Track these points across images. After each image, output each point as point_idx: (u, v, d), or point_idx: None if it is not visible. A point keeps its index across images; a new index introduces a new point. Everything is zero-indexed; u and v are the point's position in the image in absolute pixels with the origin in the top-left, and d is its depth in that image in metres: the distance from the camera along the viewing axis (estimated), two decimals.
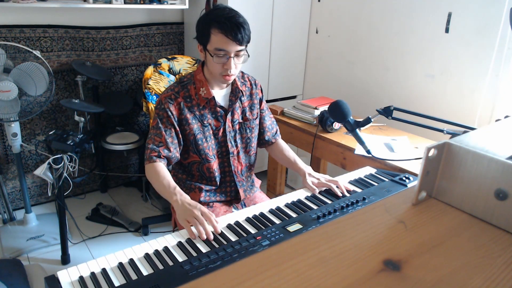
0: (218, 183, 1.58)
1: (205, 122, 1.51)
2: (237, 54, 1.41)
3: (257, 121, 1.64)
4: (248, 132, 1.61)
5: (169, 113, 1.46)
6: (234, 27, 1.36)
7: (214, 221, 1.17)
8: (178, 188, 1.34)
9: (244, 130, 1.60)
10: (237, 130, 1.58)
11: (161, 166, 1.41)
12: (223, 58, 1.39)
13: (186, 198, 1.29)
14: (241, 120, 1.59)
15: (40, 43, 2.49)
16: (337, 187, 1.40)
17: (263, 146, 1.73)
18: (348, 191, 1.39)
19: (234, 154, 1.58)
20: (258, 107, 1.64)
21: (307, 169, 1.52)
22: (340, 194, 1.37)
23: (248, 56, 1.45)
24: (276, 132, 1.73)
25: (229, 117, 1.54)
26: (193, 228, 1.16)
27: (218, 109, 1.52)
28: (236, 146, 1.59)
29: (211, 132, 1.53)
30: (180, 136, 1.48)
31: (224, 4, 1.46)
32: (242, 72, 1.63)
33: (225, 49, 1.38)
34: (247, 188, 1.66)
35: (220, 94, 1.54)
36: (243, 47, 1.41)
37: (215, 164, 1.55)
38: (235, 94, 1.55)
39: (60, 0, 2.35)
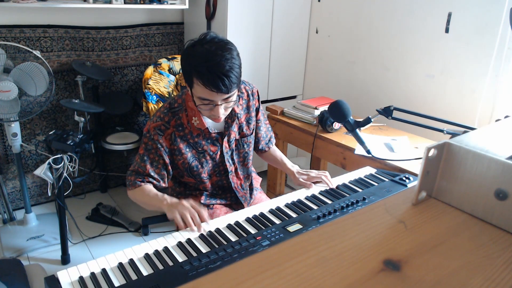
0: (218, 192, 1.58)
1: (200, 149, 1.44)
2: (226, 100, 1.28)
3: (253, 134, 1.58)
4: (246, 147, 1.55)
5: (158, 145, 1.38)
6: (216, 80, 1.19)
7: (203, 213, 1.21)
8: (166, 195, 1.34)
9: (241, 146, 1.54)
10: (234, 148, 1.52)
11: (146, 186, 1.39)
12: (209, 106, 1.28)
13: (174, 199, 1.31)
14: (238, 137, 1.52)
15: (40, 43, 2.49)
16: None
17: (256, 153, 1.72)
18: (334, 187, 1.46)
19: (232, 171, 1.54)
20: (255, 118, 1.58)
21: (295, 168, 1.56)
22: (332, 185, 1.43)
23: (238, 100, 1.38)
24: (270, 140, 1.69)
25: (225, 139, 1.47)
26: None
27: (213, 135, 1.44)
28: (234, 163, 1.54)
29: (208, 157, 1.46)
30: (169, 167, 1.42)
31: (212, 35, 1.26)
32: None
33: (210, 99, 1.25)
34: (249, 199, 1.65)
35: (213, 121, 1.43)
36: (231, 94, 1.27)
37: (209, 184, 1.53)
38: (231, 116, 1.45)
39: (60, 0, 2.35)
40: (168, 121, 1.39)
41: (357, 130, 1.52)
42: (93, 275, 0.98)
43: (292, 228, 1.15)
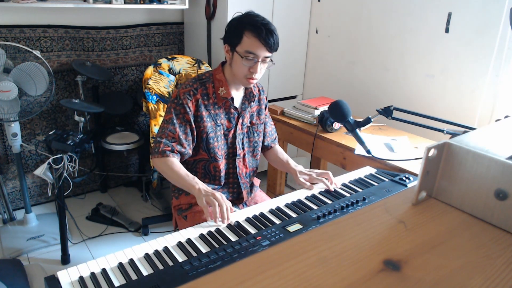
0: (222, 182, 1.59)
1: (218, 122, 1.52)
2: (264, 60, 1.43)
3: (263, 126, 1.67)
4: (256, 136, 1.63)
5: (187, 109, 1.45)
6: (268, 33, 1.39)
7: (229, 210, 1.24)
8: (197, 178, 1.37)
9: (252, 134, 1.62)
10: (245, 134, 1.60)
11: (175, 160, 1.43)
12: (251, 61, 1.41)
13: (207, 187, 1.34)
14: (249, 124, 1.61)
15: (40, 43, 2.49)
16: (327, 179, 1.46)
17: (262, 150, 1.75)
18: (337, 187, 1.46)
19: (240, 156, 1.60)
20: (264, 112, 1.67)
21: (298, 167, 1.58)
22: (332, 189, 1.43)
23: (274, 63, 1.47)
24: (275, 138, 1.76)
25: (240, 119, 1.56)
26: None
27: (232, 110, 1.54)
28: (243, 148, 1.61)
29: (222, 132, 1.54)
30: (195, 133, 1.49)
31: (254, 12, 1.49)
32: None
33: (255, 52, 1.40)
34: (250, 190, 1.68)
35: (236, 96, 1.55)
36: (271, 54, 1.44)
37: (222, 164, 1.56)
38: (248, 97, 1.58)
39: (60, 0, 2.35)
40: (197, 88, 1.49)
41: (357, 130, 1.52)
42: (93, 275, 0.98)
43: (292, 228, 1.15)
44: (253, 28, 1.39)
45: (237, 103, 1.56)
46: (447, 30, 2.19)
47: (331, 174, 1.48)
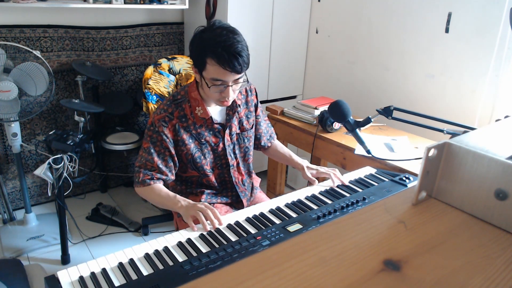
0: (219, 189, 1.58)
1: (202, 140, 1.47)
2: (235, 82, 1.34)
3: (253, 129, 1.62)
4: (246, 142, 1.58)
5: (164, 136, 1.40)
6: (232, 58, 1.26)
7: (217, 213, 1.22)
8: (178, 195, 1.35)
9: (242, 141, 1.57)
10: (236, 142, 1.55)
11: (156, 186, 1.41)
12: (220, 87, 1.33)
13: (189, 201, 1.32)
14: (238, 131, 1.55)
15: (40, 43, 2.49)
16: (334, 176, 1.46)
17: (259, 150, 1.74)
18: (344, 185, 1.45)
19: (234, 166, 1.56)
20: (254, 114, 1.61)
21: (304, 162, 1.57)
22: (335, 185, 1.42)
23: (248, 82, 1.40)
24: (271, 135, 1.72)
25: (227, 131, 1.50)
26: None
27: (216, 125, 1.47)
28: (236, 157, 1.57)
29: (209, 148, 1.49)
30: (176, 158, 1.44)
31: (220, 22, 1.34)
32: None
33: (222, 79, 1.31)
34: (249, 196, 1.66)
35: (216, 111, 1.49)
36: (241, 75, 1.34)
37: (213, 177, 1.54)
38: (232, 108, 1.50)
39: (60, 0, 2.35)
40: (172, 112, 1.42)
41: (357, 130, 1.52)
42: (93, 275, 0.98)
43: (292, 228, 1.15)
44: (214, 55, 1.26)
45: (219, 117, 1.49)
46: (447, 30, 2.19)
47: (338, 171, 1.48)
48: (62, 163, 2.03)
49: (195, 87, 1.44)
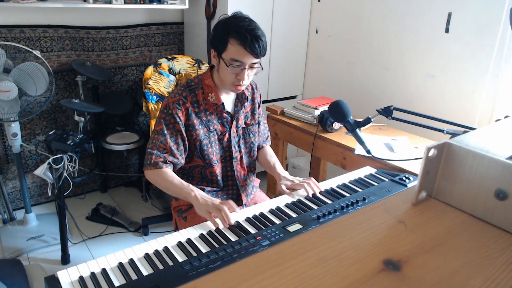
0: (221, 185, 1.58)
1: (211, 128, 1.50)
2: (251, 66, 1.40)
3: (257, 126, 1.64)
4: (252, 137, 1.61)
5: (177, 119, 1.43)
6: (254, 40, 1.34)
7: (234, 207, 1.25)
8: (191, 185, 1.36)
9: (247, 135, 1.60)
10: (241, 135, 1.59)
11: (169, 170, 1.42)
12: (237, 68, 1.38)
13: (203, 193, 1.33)
14: (243, 125, 1.59)
15: (40, 43, 2.49)
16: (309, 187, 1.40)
17: None
18: (320, 192, 1.38)
19: (237, 159, 1.58)
20: (258, 111, 1.65)
21: (283, 173, 1.53)
22: (310, 194, 1.36)
23: (262, 68, 1.44)
24: (267, 138, 1.74)
25: (234, 122, 1.54)
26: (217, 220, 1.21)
27: (225, 114, 1.51)
28: (240, 151, 1.59)
29: (216, 137, 1.52)
30: (186, 142, 1.47)
31: (242, 13, 1.44)
32: None
33: (241, 60, 1.37)
34: (249, 192, 1.66)
35: (227, 100, 1.53)
36: (258, 60, 1.40)
37: (218, 169, 1.55)
38: (240, 99, 1.55)
39: (60, 0, 2.35)
40: (186, 97, 1.46)
41: (357, 130, 1.52)
42: (93, 275, 0.98)
43: (292, 228, 1.15)
44: (238, 35, 1.34)
45: (229, 107, 1.54)
46: (447, 30, 2.19)
47: (314, 180, 1.42)
48: (62, 163, 2.03)
49: (209, 75, 1.49)
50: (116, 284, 0.95)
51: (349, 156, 1.90)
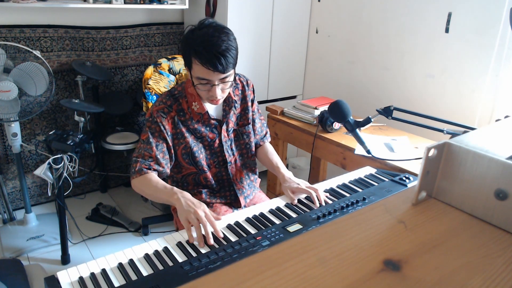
0: (216, 188, 1.56)
1: (198, 135, 1.47)
2: (222, 81, 1.34)
3: (251, 125, 1.59)
4: (245, 138, 1.57)
5: (162, 127, 1.40)
6: (213, 58, 1.26)
7: (217, 225, 1.14)
8: (175, 188, 1.30)
9: (240, 137, 1.57)
10: (233, 139, 1.55)
11: (153, 175, 1.36)
12: (207, 85, 1.33)
13: (188, 195, 1.25)
14: (236, 127, 1.54)
15: (40, 43, 2.49)
16: (316, 196, 1.32)
17: None
18: (325, 202, 1.32)
19: (231, 163, 1.55)
20: (251, 108, 1.59)
21: (288, 174, 1.47)
22: (318, 204, 1.29)
23: (235, 87, 1.38)
24: (265, 135, 1.69)
25: (224, 127, 1.50)
26: (193, 230, 1.14)
27: (212, 121, 1.48)
28: (233, 154, 1.56)
29: (206, 143, 1.49)
30: (172, 151, 1.43)
31: (210, 21, 1.33)
32: None
33: (207, 78, 1.31)
34: (248, 194, 1.63)
35: (212, 107, 1.48)
36: (228, 74, 1.32)
37: (210, 174, 1.52)
38: (228, 103, 1.50)
39: (60, 0, 2.35)
40: (171, 105, 1.43)
41: (357, 130, 1.52)
42: (93, 276, 0.98)
43: (292, 228, 1.15)
44: (198, 55, 1.27)
45: (215, 113, 1.49)
46: (447, 30, 2.19)
47: (321, 191, 1.35)
48: (62, 163, 2.03)
49: (191, 83, 1.43)
50: (116, 284, 0.95)
51: (349, 156, 1.90)
